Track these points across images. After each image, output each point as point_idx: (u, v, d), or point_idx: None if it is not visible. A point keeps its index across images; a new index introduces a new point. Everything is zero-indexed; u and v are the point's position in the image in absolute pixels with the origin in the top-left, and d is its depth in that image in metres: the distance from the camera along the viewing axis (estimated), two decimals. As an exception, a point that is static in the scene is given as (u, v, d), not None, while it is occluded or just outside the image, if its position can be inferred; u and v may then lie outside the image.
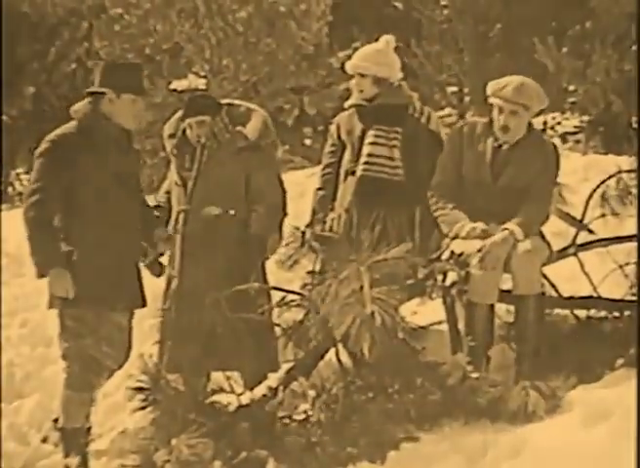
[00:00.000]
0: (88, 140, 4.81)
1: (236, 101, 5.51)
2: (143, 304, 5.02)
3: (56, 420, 5.01)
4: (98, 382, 4.93)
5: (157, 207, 5.42)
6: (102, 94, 4.87)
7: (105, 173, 4.83)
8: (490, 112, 4.86)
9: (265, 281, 5.29)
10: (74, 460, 4.91)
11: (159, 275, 5.17)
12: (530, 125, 4.86)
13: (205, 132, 5.25)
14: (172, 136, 5.43)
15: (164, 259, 5.28)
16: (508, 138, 4.78)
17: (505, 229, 4.61)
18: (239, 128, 5.38)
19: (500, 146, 4.81)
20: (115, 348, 4.88)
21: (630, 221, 5.44)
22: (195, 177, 5.29)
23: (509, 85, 4.73)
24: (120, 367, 4.95)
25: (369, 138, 5.15)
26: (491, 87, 4.79)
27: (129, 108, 4.87)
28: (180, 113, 5.46)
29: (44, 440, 5.21)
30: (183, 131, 5.36)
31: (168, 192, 5.52)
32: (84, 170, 4.78)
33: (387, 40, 5.33)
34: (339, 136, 5.33)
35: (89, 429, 4.99)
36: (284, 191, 5.42)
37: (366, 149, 5.15)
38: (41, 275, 4.76)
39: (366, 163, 5.14)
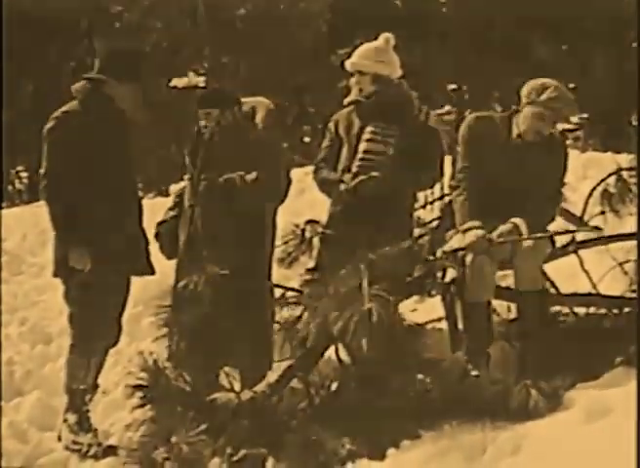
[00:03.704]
0: (89, 118, 5.10)
1: (243, 99, 5.46)
2: (152, 272, 5.33)
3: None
4: (98, 348, 5.23)
5: (175, 203, 5.54)
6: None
7: (105, 148, 5.11)
8: (511, 111, 4.83)
9: (269, 278, 5.27)
10: (73, 417, 5.17)
11: (169, 257, 5.41)
12: None
13: (211, 124, 5.24)
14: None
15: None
16: (536, 140, 4.75)
17: (511, 223, 4.62)
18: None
19: (516, 146, 4.78)
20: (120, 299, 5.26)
21: (630, 219, 5.44)
22: (200, 171, 5.27)
23: (561, 95, 4.65)
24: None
25: (366, 135, 5.14)
26: (540, 93, 4.68)
27: (129, 93, 5.21)
28: None
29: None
30: (199, 126, 5.37)
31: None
32: (86, 146, 5.06)
33: (387, 38, 5.31)
34: (336, 133, 5.31)
35: (95, 388, 5.27)
36: (288, 183, 5.34)
37: (362, 146, 5.13)
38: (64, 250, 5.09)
39: (361, 159, 5.12)
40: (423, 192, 5.52)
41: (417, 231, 5.30)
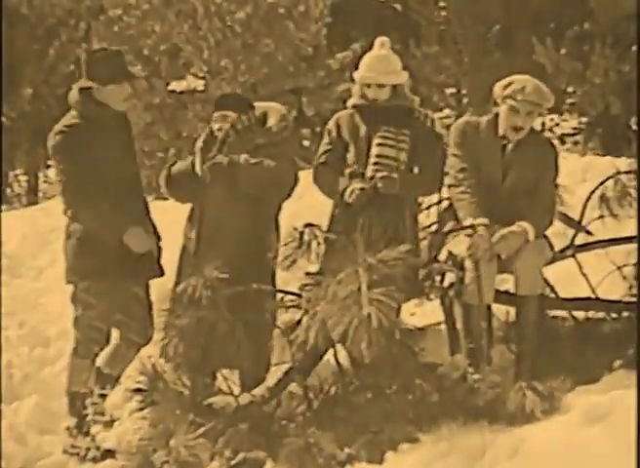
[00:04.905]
0: (91, 127, 5.10)
1: (255, 103, 5.47)
2: (161, 273, 5.32)
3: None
4: (99, 351, 5.20)
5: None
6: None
7: (111, 154, 5.12)
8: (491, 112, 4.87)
9: (273, 282, 5.28)
10: (73, 421, 5.16)
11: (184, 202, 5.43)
12: None
13: (226, 126, 5.25)
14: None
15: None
16: (518, 137, 4.79)
17: (518, 226, 4.63)
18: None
19: (505, 146, 4.82)
20: (135, 320, 5.17)
21: (629, 223, 5.45)
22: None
23: (527, 86, 4.71)
24: (147, 341, 5.18)
25: (377, 140, 5.11)
26: (505, 88, 4.76)
27: (118, 93, 5.17)
28: None
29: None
30: (211, 128, 5.36)
31: None
32: (93, 154, 5.05)
33: (382, 42, 5.28)
34: (338, 135, 5.30)
35: (100, 394, 5.19)
36: (295, 180, 5.35)
37: (375, 150, 5.11)
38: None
39: (376, 164, 5.11)
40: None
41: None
